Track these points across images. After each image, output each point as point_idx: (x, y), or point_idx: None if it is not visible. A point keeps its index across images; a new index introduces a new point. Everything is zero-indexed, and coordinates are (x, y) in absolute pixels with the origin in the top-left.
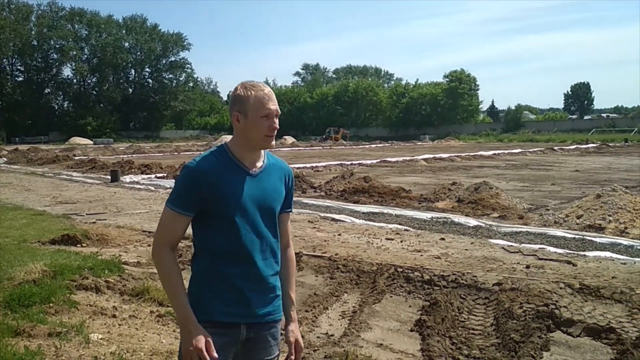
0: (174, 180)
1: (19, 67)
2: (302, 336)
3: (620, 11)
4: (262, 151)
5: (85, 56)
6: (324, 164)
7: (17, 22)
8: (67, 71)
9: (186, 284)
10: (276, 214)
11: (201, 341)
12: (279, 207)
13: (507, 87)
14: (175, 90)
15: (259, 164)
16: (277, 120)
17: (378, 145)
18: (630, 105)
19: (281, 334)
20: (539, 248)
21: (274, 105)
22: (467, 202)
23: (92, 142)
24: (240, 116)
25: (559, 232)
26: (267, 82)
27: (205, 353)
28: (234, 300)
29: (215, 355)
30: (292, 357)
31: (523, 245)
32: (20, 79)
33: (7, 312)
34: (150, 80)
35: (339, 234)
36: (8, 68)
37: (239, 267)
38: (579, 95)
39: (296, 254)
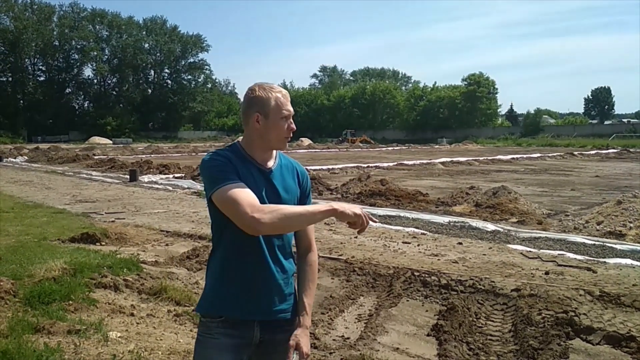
0: (191, 180)
1: (40, 67)
2: (317, 339)
3: None
4: (274, 151)
5: (106, 57)
6: (340, 166)
7: (40, 23)
8: (87, 71)
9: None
10: None
11: (356, 207)
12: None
13: (527, 91)
14: (193, 91)
15: (271, 163)
16: (293, 121)
17: (395, 148)
18: None
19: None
20: (559, 254)
21: (291, 107)
22: (485, 206)
23: (111, 142)
24: (261, 117)
25: (578, 238)
26: (284, 84)
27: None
28: (246, 296)
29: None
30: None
31: (542, 251)
32: (42, 78)
33: (27, 309)
34: (169, 81)
35: (355, 237)
36: (30, 68)
37: (251, 262)
38: (600, 100)
39: None
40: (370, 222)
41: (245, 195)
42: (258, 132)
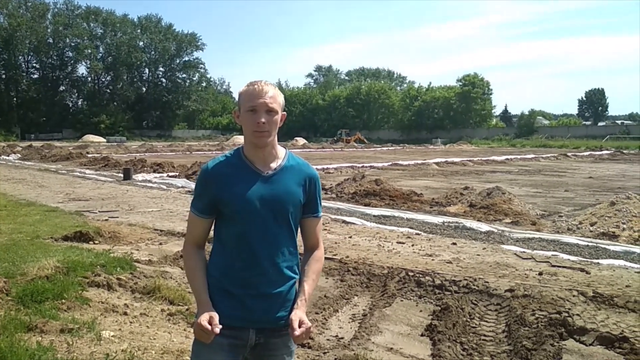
0: (185, 179)
1: (34, 65)
2: (311, 338)
3: (636, 17)
4: (280, 151)
5: (100, 55)
6: (335, 166)
7: (34, 20)
8: (81, 69)
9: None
10: (289, 216)
11: (204, 317)
12: (292, 209)
13: (521, 92)
14: (188, 89)
15: (274, 164)
16: (267, 117)
17: (390, 148)
18: None
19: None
20: (552, 255)
21: (262, 100)
22: (479, 207)
23: (105, 140)
24: (238, 112)
25: (572, 239)
26: (279, 83)
27: (206, 324)
28: (243, 304)
29: (217, 330)
30: (294, 333)
31: (536, 251)
32: (36, 76)
33: (20, 308)
34: (163, 80)
35: (350, 237)
36: (24, 65)
37: (248, 269)
38: (594, 102)
39: None
40: None
41: (191, 227)
42: (243, 129)
